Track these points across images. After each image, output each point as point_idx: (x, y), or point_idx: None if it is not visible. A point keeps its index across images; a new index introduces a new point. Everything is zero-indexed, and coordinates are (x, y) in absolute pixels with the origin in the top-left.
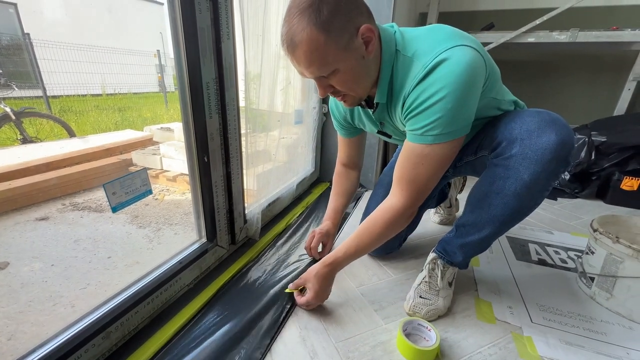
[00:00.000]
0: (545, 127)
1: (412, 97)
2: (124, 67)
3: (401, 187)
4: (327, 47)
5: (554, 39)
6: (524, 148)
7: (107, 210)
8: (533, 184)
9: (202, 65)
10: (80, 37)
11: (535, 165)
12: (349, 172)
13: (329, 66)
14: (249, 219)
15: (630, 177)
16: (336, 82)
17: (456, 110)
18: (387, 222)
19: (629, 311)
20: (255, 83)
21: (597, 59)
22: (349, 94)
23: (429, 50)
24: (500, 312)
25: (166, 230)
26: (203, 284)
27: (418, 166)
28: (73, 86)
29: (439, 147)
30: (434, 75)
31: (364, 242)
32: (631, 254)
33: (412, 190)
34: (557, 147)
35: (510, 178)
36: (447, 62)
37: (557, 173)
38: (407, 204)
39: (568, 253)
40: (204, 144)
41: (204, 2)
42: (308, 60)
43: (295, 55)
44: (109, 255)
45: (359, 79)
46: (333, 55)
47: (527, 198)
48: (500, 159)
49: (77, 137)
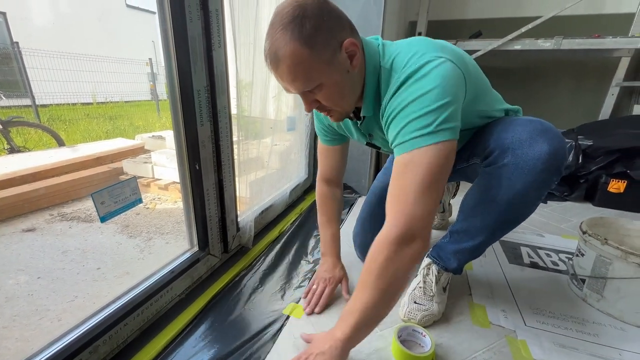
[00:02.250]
0: (537, 136)
1: (389, 109)
2: (115, 75)
3: (389, 210)
4: (310, 61)
5: (539, 46)
6: (515, 158)
7: (97, 220)
8: (526, 194)
9: (193, 73)
10: (71, 46)
11: (527, 175)
12: (333, 191)
13: (313, 81)
14: (241, 227)
15: (616, 180)
16: (321, 97)
17: (432, 111)
18: (383, 260)
19: (620, 312)
20: (247, 90)
21: (582, 65)
22: (335, 109)
23: (405, 63)
24: (494, 316)
25: (157, 240)
26: (195, 293)
27: (401, 177)
28: (63, 95)
29: (420, 152)
30: (406, 84)
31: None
32: (619, 255)
33: (399, 209)
34: (548, 158)
35: (503, 187)
36: (420, 71)
37: (549, 182)
38: (397, 229)
39: (559, 255)
40: (195, 151)
41: (195, 11)
42: (292, 74)
43: (279, 70)
44: (98, 266)
45: (344, 94)
46: (317, 70)
47: (521, 207)
48: (492, 168)
49: (66, 146)
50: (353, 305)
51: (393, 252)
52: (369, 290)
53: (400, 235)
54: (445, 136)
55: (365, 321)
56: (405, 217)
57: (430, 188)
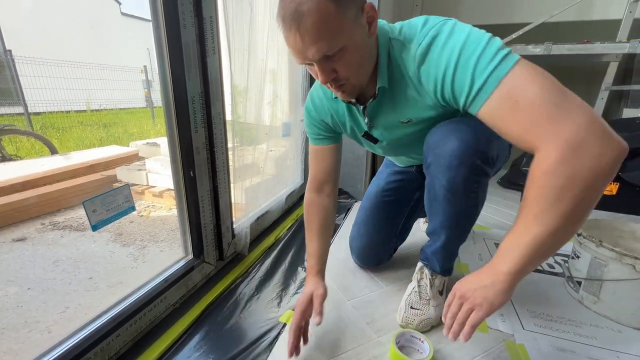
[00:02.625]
0: (449, 134)
1: (432, 72)
2: (110, 83)
3: (535, 138)
4: (338, 17)
5: (530, 51)
6: (435, 156)
7: (89, 228)
8: (454, 188)
9: (187, 80)
10: (66, 54)
11: (447, 170)
12: (322, 201)
13: (338, 40)
14: (237, 234)
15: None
16: (342, 63)
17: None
18: (559, 176)
19: (617, 314)
20: (242, 97)
21: (572, 70)
22: (350, 81)
23: (421, 28)
24: (492, 320)
25: (151, 248)
26: (190, 302)
27: (517, 106)
28: (56, 102)
29: (513, 76)
30: (437, 42)
31: (544, 233)
32: (614, 257)
33: (542, 125)
34: (460, 153)
35: (436, 185)
36: (443, 27)
37: (475, 174)
38: (562, 141)
39: (555, 258)
40: (189, 158)
41: (189, 18)
42: (317, 33)
43: (301, 29)
44: (90, 276)
45: (364, 61)
46: (343, 29)
47: (457, 201)
48: (425, 169)
49: (59, 154)
50: (519, 239)
51: (570, 166)
52: (544, 219)
53: (568, 143)
54: (515, 56)
55: (540, 253)
56: (563, 132)
57: (553, 84)
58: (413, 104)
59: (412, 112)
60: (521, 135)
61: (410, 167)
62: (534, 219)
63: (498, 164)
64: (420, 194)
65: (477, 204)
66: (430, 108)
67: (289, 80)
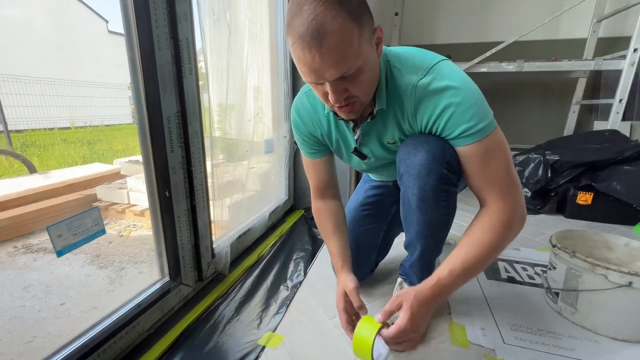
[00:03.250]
0: (418, 146)
1: (429, 108)
2: (96, 99)
3: (487, 195)
4: (359, 39)
5: (503, 68)
6: (406, 167)
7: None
8: (425, 197)
9: (162, 100)
10: (52, 71)
11: (418, 179)
12: (328, 205)
13: (357, 62)
14: (217, 253)
15: (584, 192)
16: (355, 83)
17: (480, 98)
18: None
19: (594, 324)
20: (222, 115)
21: (545, 85)
22: (360, 99)
23: (421, 62)
24: (473, 334)
25: (130, 270)
26: (166, 327)
27: (490, 163)
28: (39, 120)
29: (493, 134)
30: (440, 79)
31: (471, 260)
32: (587, 267)
33: (501, 190)
34: (428, 163)
35: (409, 194)
36: (444, 67)
37: (444, 183)
38: (505, 207)
39: (535, 269)
40: (165, 178)
41: (164, 40)
42: (339, 55)
43: (323, 49)
44: (62, 302)
45: (374, 81)
46: (362, 50)
47: (429, 208)
48: (399, 180)
49: (38, 172)
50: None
51: (503, 234)
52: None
53: (508, 212)
54: (495, 121)
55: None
56: (510, 194)
57: (511, 162)
58: (401, 128)
59: (398, 134)
60: (482, 184)
61: (388, 181)
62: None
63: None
64: (397, 208)
65: (448, 213)
66: (411, 132)
67: (271, 98)
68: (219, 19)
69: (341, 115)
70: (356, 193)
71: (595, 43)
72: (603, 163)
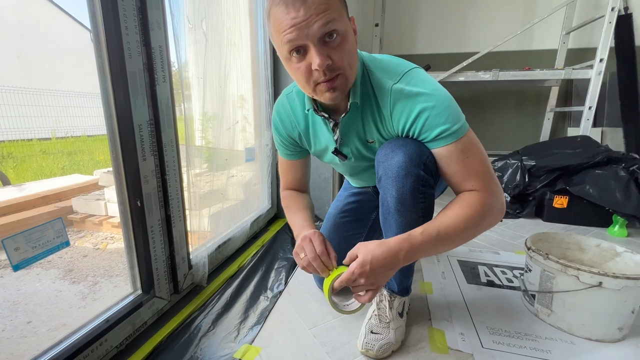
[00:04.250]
0: (396, 149)
1: (405, 112)
2: (78, 109)
3: (469, 186)
4: (340, 4)
5: (480, 77)
6: (385, 169)
7: (35, 266)
8: (403, 198)
9: (133, 107)
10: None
11: (395, 181)
12: (298, 194)
13: (341, 21)
14: (194, 264)
15: (559, 196)
16: (338, 51)
17: (452, 102)
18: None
19: (569, 325)
20: (200, 123)
21: (521, 94)
22: (344, 72)
23: (396, 67)
24: (452, 340)
25: (104, 284)
26: (138, 342)
27: (468, 160)
28: (16, 131)
29: (467, 135)
30: (415, 84)
31: (446, 228)
32: (560, 269)
33: (481, 181)
34: (406, 165)
35: (387, 197)
36: (417, 74)
37: (421, 185)
38: (485, 194)
39: (513, 272)
40: (136, 187)
41: (135, 48)
42: (324, 3)
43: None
44: (29, 320)
45: (354, 60)
46: (343, 13)
47: (408, 211)
48: (377, 182)
49: (11, 185)
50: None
51: (480, 213)
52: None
53: (487, 196)
54: (467, 124)
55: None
56: (488, 181)
57: (486, 157)
58: (377, 128)
59: (376, 135)
60: (461, 179)
61: (367, 187)
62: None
63: (442, 183)
64: (377, 214)
65: (426, 215)
66: (388, 136)
67: (252, 106)
68: (194, 27)
69: (325, 95)
70: (336, 200)
71: (565, 53)
72: (576, 167)
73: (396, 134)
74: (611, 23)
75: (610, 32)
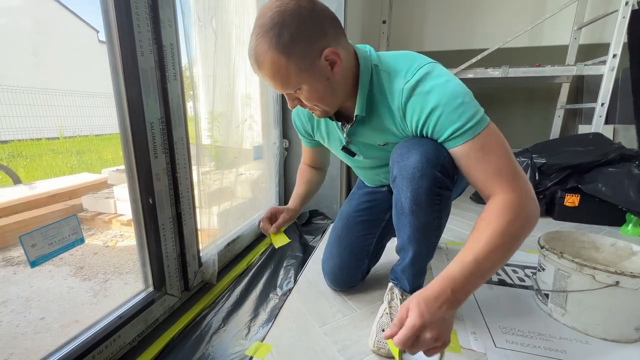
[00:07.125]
0: (412, 149)
1: (417, 110)
2: (86, 109)
3: (494, 187)
4: (289, 69)
5: (489, 74)
6: (400, 169)
7: (47, 263)
8: (418, 200)
9: (145, 105)
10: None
11: (411, 182)
12: (309, 169)
13: (291, 86)
14: (204, 262)
15: (571, 194)
16: (303, 97)
17: (468, 96)
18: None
19: (584, 325)
20: (209, 121)
21: (530, 91)
22: (318, 107)
23: (409, 65)
24: (464, 339)
25: (115, 281)
26: (150, 338)
27: (489, 158)
28: (26, 130)
29: (486, 131)
30: (426, 82)
31: (483, 251)
32: (575, 268)
33: (507, 181)
34: (422, 166)
35: (402, 198)
36: (431, 69)
37: (437, 186)
38: (513, 195)
39: (525, 271)
40: (148, 185)
41: (147, 45)
42: (271, 79)
43: (261, 73)
44: (42, 316)
45: (324, 97)
46: (295, 76)
47: (422, 212)
48: (392, 182)
49: (22, 183)
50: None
51: (511, 219)
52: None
53: (520, 197)
54: (487, 117)
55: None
56: (516, 182)
57: (510, 152)
58: (390, 131)
59: (389, 138)
60: (485, 179)
61: (382, 187)
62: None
63: (460, 184)
64: (391, 214)
65: (441, 217)
66: (405, 135)
67: (260, 104)
68: (204, 25)
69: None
70: (350, 199)
71: (577, 49)
72: (588, 165)
73: (412, 133)
74: (625, 18)
75: (624, 27)
